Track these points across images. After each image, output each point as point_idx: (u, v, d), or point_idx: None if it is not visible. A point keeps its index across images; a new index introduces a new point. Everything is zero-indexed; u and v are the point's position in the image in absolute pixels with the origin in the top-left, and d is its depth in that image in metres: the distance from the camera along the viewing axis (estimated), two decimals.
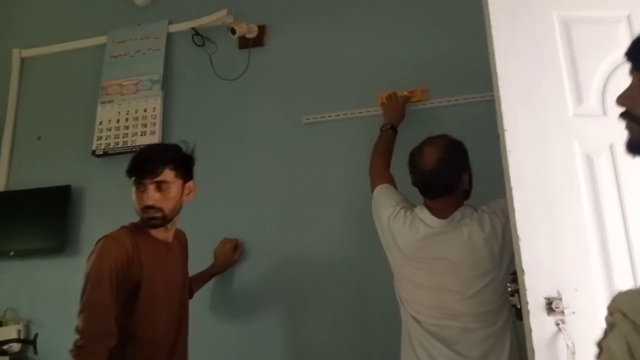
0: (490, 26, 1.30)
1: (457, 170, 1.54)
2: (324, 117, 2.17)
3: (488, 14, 1.31)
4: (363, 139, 2.05)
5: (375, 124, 2.00)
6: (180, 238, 1.80)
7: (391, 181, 1.72)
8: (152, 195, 1.58)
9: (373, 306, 1.95)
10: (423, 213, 1.55)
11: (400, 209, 1.60)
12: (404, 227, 1.55)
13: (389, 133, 1.89)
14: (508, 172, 1.22)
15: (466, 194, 1.59)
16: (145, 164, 1.61)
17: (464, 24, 2.03)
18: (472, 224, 1.49)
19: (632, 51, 0.89)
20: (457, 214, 1.52)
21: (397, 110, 1.97)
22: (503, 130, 1.24)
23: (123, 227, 1.61)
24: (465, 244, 1.47)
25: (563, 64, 1.32)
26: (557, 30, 1.33)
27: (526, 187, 1.21)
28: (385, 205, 1.63)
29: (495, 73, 1.28)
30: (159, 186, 1.60)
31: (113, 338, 1.46)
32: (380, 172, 1.76)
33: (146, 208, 1.59)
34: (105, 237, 1.56)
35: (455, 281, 1.48)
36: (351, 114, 2.13)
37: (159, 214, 1.60)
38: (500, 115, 1.25)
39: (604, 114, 1.31)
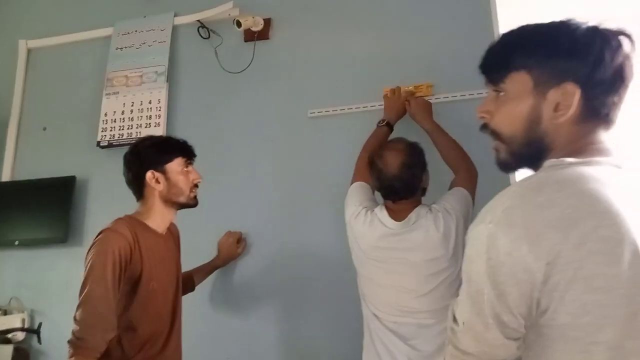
0: (497, 20, 1.29)
1: (419, 172, 1.61)
2: (329, 111, 2.16)
3: (495, 8, 1.30)
4: (368, 133, 2.04)
5: (380, 118, 2.00)
6: (172, 230, 1.80)
7: (369, 179, 1.74)
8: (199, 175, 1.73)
9: None
10: (382, 214, 1.61)
11: (363, 209, 1.65)
12: (364, 226, 1.61)
13: (383, 130, 1.89)
14: None
15: (423, 192, 1.67)
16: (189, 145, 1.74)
17: (469, 19, 2.02)
18: (427, 225, 1.54)
19: (484, 64, 0.89)
20: (412, 216, 1.57)
21: (396, 107, 1.95)
22: None
23: (121, 220, 1.61)
24: (421, 245, 1.53)
25: None
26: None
27: None
28: (351, 204, 1.70)
29: None
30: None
31: (113, 330, 1.47)
32: (361, 169, 1.78)
33: (195, 186, 1.71)
34: (107, 229, 1.56)
35: (412, 280, 1.54)
36: (356, 108, 2.13)
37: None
38: None
39: None
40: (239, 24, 2.21)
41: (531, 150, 0.84)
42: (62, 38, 2.68)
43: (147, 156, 1.66)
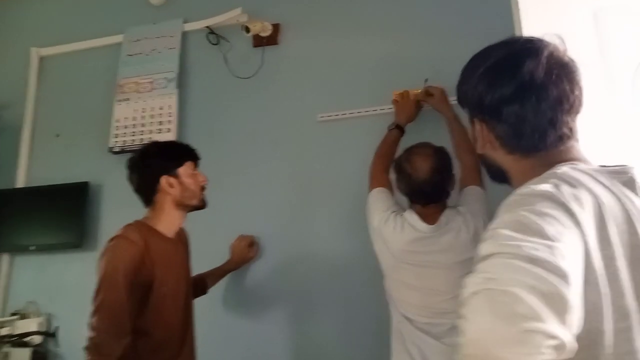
0: (519, 19, 1.27)
1: (448, 176, 1.63)
2: (338, 114, 2.18)
3: (517, 5, 1.28)
4: (378, 136, 2.05)
5: (390, 122, 2.01)
6: (182, 235, 1.82)
7: (387, 184, 1.76)
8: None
9: (385, 305, 1.95)
10: (412, 218, 1.61)
11: (391, 214, 1.65)
12: (394, 231, 1.62)
13: (393, 133, 1.90)
14: None
15: (447, 195, 1.68)
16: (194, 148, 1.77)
17: (479, 22, 2.03)
18: (458, 227, 1.57)
19: (458, 98, 0.91)
20: (443, 219, 1.60)
21: (406, 110, 1.97)
22: None
23: (131, 225, 1.63)
24: (453, 246, 1.56)
25: (595, 56, 1.28)
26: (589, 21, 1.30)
27: None
28: (376, 210, 1.70)
29: None
30: None
31: (127, 336, 1.50)
32: (377, 174, 1.80)
33: (203, 188, 1.74)
34: (118, 236, 1.58)
35: (444, 282, 1.55)
36: (365, 111, 2.14)
37: None
38: None
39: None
40: (247, 30, 2.23)
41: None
42: (74, 46, 2.71)
43: (158, 162, 1.69)
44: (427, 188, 1.59)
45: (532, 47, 0.78)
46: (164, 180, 1.66)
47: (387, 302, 1.75)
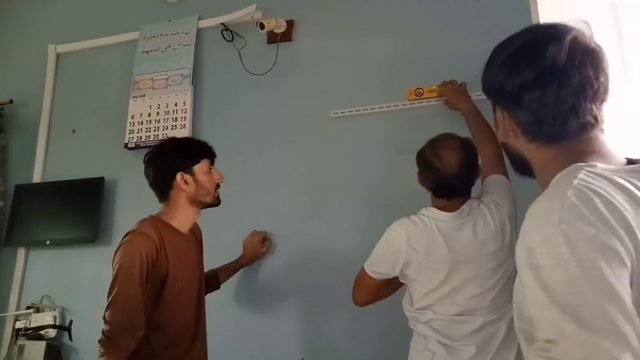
0: (537, 12, 1.25)
1: (477, 168, 1.59)
2: (352, 111, 2.17)
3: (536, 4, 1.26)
4: (391, 133, 2.06)
5: (404, 118, 2.01)
6: (195, 230, 1.83)
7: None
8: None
9: (397, 302, 1.94)
10: (431, 212, 1.57)
11: (406, 218, 1.59)
12: (416, 229, 1.55)
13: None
14: None
15: (472, 185, 1.64)
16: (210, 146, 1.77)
17: (494, 17, 2.01)
18: (482, 217, 1.53)
19: (483, 87, 0.88)
20: (465, 207, 1.55)
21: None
22: None
23: (146, 220, 1.64)
24: (479, 238, 1.51)
25: (612, 49, 1.25)
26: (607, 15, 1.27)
27: None
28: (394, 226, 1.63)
29: None
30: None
31: (141, 330, 1.51)
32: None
33: (218, 185, 1.74)
34: (133, 231, 1.59)
35: (474, 275, 1.50)
36: (379, 108, 2.13)
37: None
38: None
39: None
40: (262, 26, 2.23)
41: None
42: (90, 43, 2.75)
43: (175, 159, 1.69)
44: (456, 182, 1.54)
45: (554, 33, 0.76)
46: (180, 176, 1.67)
47: (398, 297, 1.74)
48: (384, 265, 1.60)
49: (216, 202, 1.75)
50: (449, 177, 1.53)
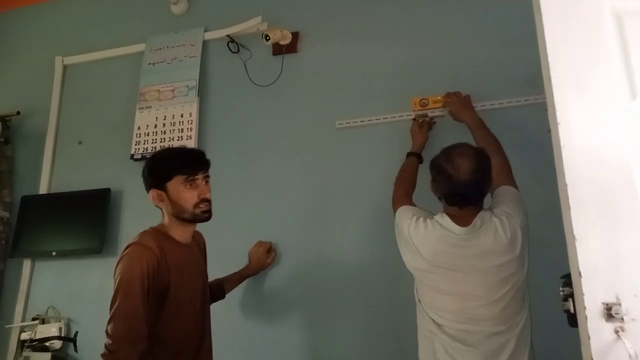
0: (541, 18, 1.25)
1: (490, 177, 1.57)
2: (357, 121, 2.18)
3: (539, 6, 1.26)
4: (396, 144, 2.06)
5: (409, 129, 2.01)
6: (198, 239, 1.82)
7: (411, 204, 1.73)
8: (207, 188, 1.65)
9: (403, 312, 1.94)
10: (444, 220, 1.56)
11: (419, 219, 1.61)
12: (425, 234, 1.57)
13: (412, 160, 1.91)
14: (562, 168, 1.14)
15: (485, 196, 1.63)
16: (201, 157, 1.67)
17: (498, 28, 2.03)
18: (494, 229, 1.51)
19: None
20: (477, 221, 1.54)
21: (421, 137, 1.98)
22: (556, 124, 1.15)
23: (146, 232, 1.63)
24: (490, 250, 1.50)
25: (616, 57, 1.25)
26: (610, 22, 1.26)
27: (581, 184, 1.13)
28: (404, 221, 1.65)
29: (547, 63, 1.18)
30: (207, 180, 1.67)
31: (144, 342, 1.49)
32: (400, 199, 1.77)
33: (203, 201, 1.63)
34: (134, 243, 1.58)
35: (480, 287, 1.51)
36: (384, 118, 2.14)
37: (209, 207, 1.66)
38: (553, 107, 1.17)
39: None
40: (267, 38, 2.25)
41: None
42: (97, 54, 2.77)
43: (150, 175, 1.67)
44: (468, 189, 1.53)
45: None
46: (153, 193, 1.65)
47: (404, 308, 1.74)
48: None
49: (198, 219, 1.66)
50: (461, 183, 1.52)
